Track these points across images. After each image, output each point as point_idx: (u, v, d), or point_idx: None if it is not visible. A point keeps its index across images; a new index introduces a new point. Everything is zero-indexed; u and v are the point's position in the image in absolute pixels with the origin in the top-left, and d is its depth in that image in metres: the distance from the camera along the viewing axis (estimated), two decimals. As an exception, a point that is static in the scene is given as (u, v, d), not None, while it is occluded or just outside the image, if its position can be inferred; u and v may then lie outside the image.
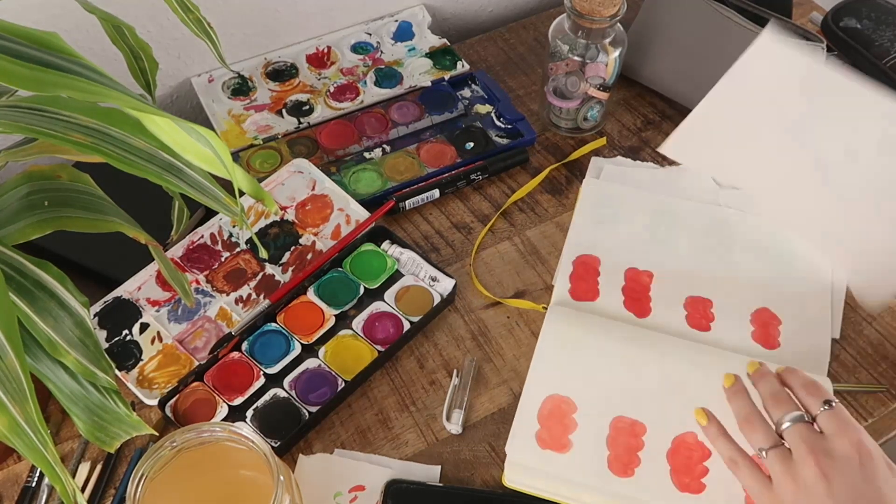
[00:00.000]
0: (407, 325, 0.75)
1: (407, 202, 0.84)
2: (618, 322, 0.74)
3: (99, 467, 0.67)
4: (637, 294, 0.77)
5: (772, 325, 0.75)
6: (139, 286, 0.76)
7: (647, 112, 0.95)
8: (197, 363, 0.72)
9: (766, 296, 0.77)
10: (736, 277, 0.78)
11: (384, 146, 0.89)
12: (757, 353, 0.73)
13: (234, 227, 0.81)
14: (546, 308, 0.76)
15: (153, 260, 0.65)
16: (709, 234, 0.81)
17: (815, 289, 0.78)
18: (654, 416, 0.67)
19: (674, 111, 0.95)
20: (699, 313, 0.76)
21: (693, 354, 0.71)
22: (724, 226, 0.82)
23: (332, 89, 0.94)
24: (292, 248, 0.80)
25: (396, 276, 0.78)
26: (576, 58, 0.85)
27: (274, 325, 0.75)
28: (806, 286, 0.78)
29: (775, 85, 0.73)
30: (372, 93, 0.95)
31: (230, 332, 0.74)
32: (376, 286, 0.78)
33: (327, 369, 0.72)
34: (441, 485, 0.66)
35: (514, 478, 0.66)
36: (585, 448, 0.66)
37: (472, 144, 0.90)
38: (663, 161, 0.90)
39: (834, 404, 0.58)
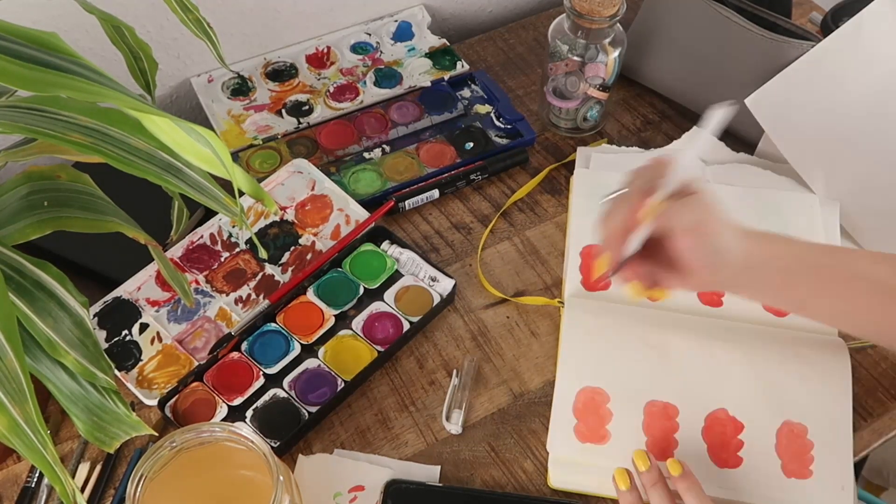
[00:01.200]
0: (406, 326, 0.75)
1: (406, 202, 0.84)
2: (634, 306, 0.75)
3: (98, 467, 0.67)
4: None
5: None
6: (139, 286, 0.76)
7: (646, 112, 0.95)
8: (196, 363, 0.72)
9: None
10: None
11: (384, 146, 0.89)
12: (769, 322, 0.74)
13: (233, 227, 0.81)
14: (561, 303, 0.77)
15: (153, 260, 0.65)
16: None
17: None
18: (684, 396, 0.69)
19: (673, 111, 0.95)
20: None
21: (711, 330, 0.72)
22: None
23: (331, 89, 0.94)
24: (292, 248, 0.80)
25: (396, 276, 0.78)
26: (575, 58, 0.85)
27: (274, 325, 0.75)
28: None
29: (882, 51, 0.75)
30: (371, 93, 0.95)
31: (230, 333, 0.74)
32: (376, 286, 0.78)
33: (327, 369, 0.72)
34: (440, 485, 0.66)
35: (560, 478, 0.67)
36: (624, 436, 0.67)
37: (471, 144, 0.90)
38: (648, 145, 0.91)
39: None
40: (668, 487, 0.60)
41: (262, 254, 0.51)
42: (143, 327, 0.74)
